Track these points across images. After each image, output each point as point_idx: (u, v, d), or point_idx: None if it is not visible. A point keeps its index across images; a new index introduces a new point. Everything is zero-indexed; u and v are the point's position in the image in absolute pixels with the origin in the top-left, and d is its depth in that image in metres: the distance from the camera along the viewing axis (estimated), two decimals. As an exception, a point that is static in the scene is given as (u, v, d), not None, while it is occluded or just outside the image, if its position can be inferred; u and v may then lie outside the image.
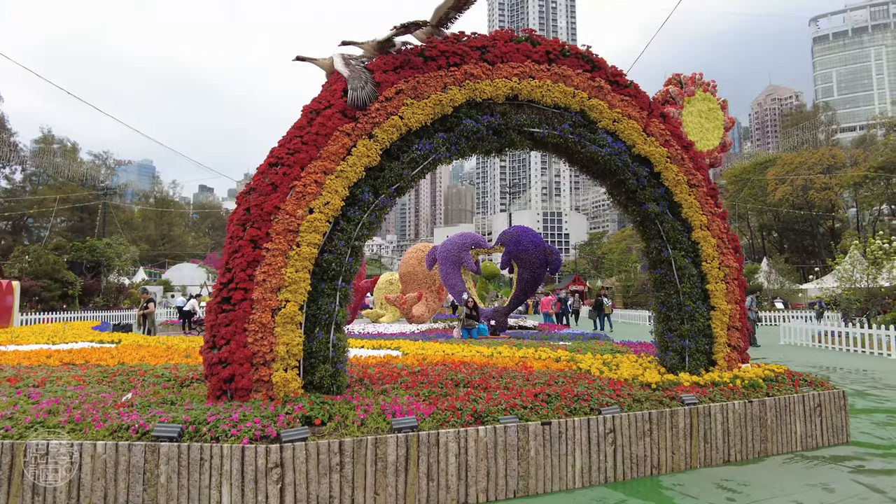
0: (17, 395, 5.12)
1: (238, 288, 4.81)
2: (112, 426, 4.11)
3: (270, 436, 4.04)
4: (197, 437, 4.03)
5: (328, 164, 5.15)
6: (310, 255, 5.00)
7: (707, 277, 6.86)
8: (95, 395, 5.05)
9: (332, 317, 5.13)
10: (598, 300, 25.54)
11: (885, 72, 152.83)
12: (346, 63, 5.44)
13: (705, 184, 7.02)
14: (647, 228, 6.90)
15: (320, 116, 5.24)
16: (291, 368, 4.89)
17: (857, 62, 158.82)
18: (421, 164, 5.57)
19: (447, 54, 5.71)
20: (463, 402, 4.86)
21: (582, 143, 6.28)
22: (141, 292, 17.65)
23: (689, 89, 7.33)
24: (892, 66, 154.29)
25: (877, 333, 14.64)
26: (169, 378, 5.96)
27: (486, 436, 4.52)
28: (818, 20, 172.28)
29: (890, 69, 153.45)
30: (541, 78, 6.08)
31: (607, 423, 5.03)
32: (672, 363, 6.77)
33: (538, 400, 5.08)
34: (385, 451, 4.20)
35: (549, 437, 4.77)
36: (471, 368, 6.60)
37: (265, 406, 4.50)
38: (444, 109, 5.61)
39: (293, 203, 5.01)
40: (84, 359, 7.40)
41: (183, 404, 4.72)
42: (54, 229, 45.77)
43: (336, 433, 4.26)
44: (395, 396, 5.03)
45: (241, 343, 4.72)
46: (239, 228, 4.97)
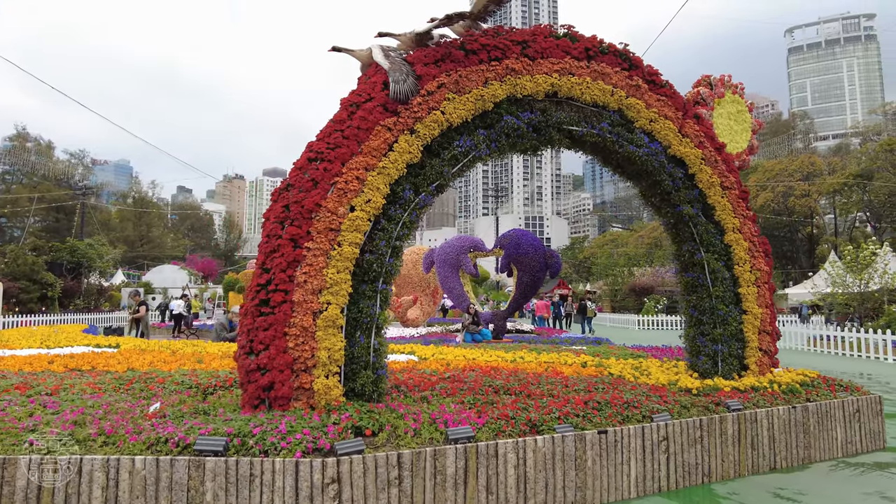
0: (32, 404, 4.74)
1: (278, 289, 4.52)
2: (149, 439, 3.79)
3: (324, 448, 3.77)
4: (243, 450, 3.74)
5: (369, 159, 4.90)
6: (351, 255, 4.74)
7: (739, 281, 6.78)
8: (120, 405, 4.69)
9: (374, 320, 4.87)
10: (583, 304, 25.77)
11: (856, 83, 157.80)
12: (386, 55, 5.20)
13: (737, 186, 6.94)
14: (681, 231, 6.79)
15: (361, 110, 4.99)
16: (333, 375, 4.61)
17: (830, 73, 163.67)
18: (461, 162, 5.35)
19: (488, 48, 5.52)
20: (515, 410, 4.64)
21: (620, 143, 6.14)
22: (132, 295, 17.03)
23: (719, 91, 7.26)
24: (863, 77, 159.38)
25: (873, 338, 14.86)
26: (190, 385, 5.61)
27: (544, 446, 4.32)
28: (793, 31, 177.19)
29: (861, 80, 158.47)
30: (580, 75, 5.93)
31: (660, 431, 4.87)
32: (704, 368, 6.66)
33: (589, 408, 4.89)
34: (444, 463, 3.96)
35: (606, 445, 4.58)
36: (504, 374, 6.39)
37: (309, 416, 4.22)
38: (485, 105, 5.41)
39: (334, 200, 4.75)
40: (90, 364, 6.97)
41: (217, 414, 4.41)
42: (28, 229, 44.22)
43: (390, 444, 4.00)
44: (441, 405, 4.78)
45: (281, 348, 4.43)
46: (277, 226, 4.69)
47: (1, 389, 5.33)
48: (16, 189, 45.40)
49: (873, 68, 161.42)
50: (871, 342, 14.88)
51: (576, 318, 26.06)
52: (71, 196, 44.76)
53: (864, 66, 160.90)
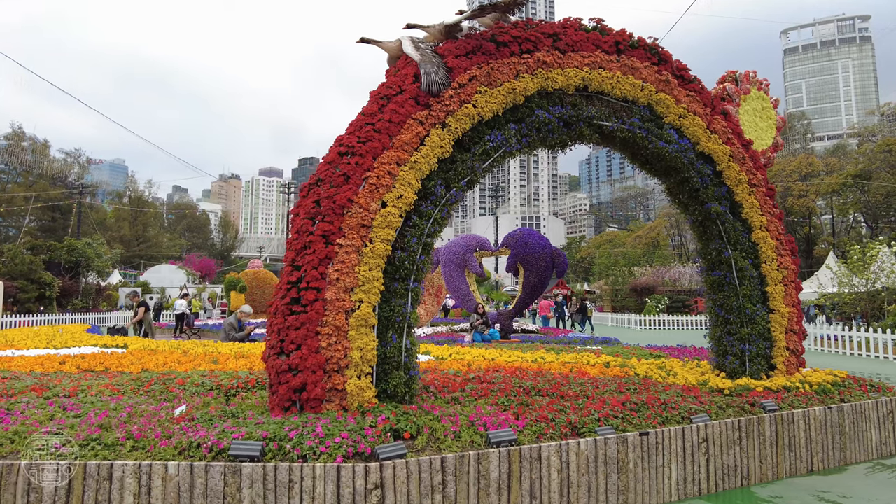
0: (50, 406, 4.56)
1: (310, 287, 4.36)
2: (180, 444, 3.63)
3: (364, 453, 3.62)
4: (280, 455, 3.58)
5: (401, 154, 4.75)
6: (383, 252, 4.59)
7: (766, 279, 6.67)
8: (142, 407, 4.52)
9: (406, 319, 4.72)
10: (583, 304, 25.99)
11: (851, 84, 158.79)
12: (416, 46, 5.05)
13: (764, 183, 6.84)
14: (708, 229, 6.68)
15: (392, 103, 4.84)
16: (365, 375, 4.46)
17: (826, 74, 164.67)
18: (492, 157, 5.21)
19: (520, 40, 5.38)
20: (553, 412, 4.51)
21: (650, 139, 6.01)
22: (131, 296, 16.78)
23: (745, 87, 7.15)
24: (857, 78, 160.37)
25: (882, 337, 14.82)
26: (211, 387, 5.44)
27: (586, 448, 4.18)
28: (788, 32, 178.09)
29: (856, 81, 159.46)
30: (611, 69, 5.80)
31: (700, 433, 4.74)
32: (732, 367, 6.54)
33: (627, 409, 4.76)
34: (487, 467, 3.82)
35: (647, 448, 4.45)
36: (531, 375, 6.25)
37: (343, 418, 4.06)
38: (516, 98, 5.27)
39: (366, 196, 4.60)
40: (102, 365, 6.78)
41: (246, 417, 4.25)
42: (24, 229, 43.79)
43: (431, 448, 3.86)
44: (477, 407, 4.64)
45: (313, 348, 4.28)
46: (308, 222, 4.53)
47: (17, 391, 5.15)
48: (11, 188, 44.92)
49: (868, 70, 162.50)
50: (881, 342, 14.83)
51: (575, 318, 26.08)
52: (67, 195, 44.35)
53: (858, 67, 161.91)
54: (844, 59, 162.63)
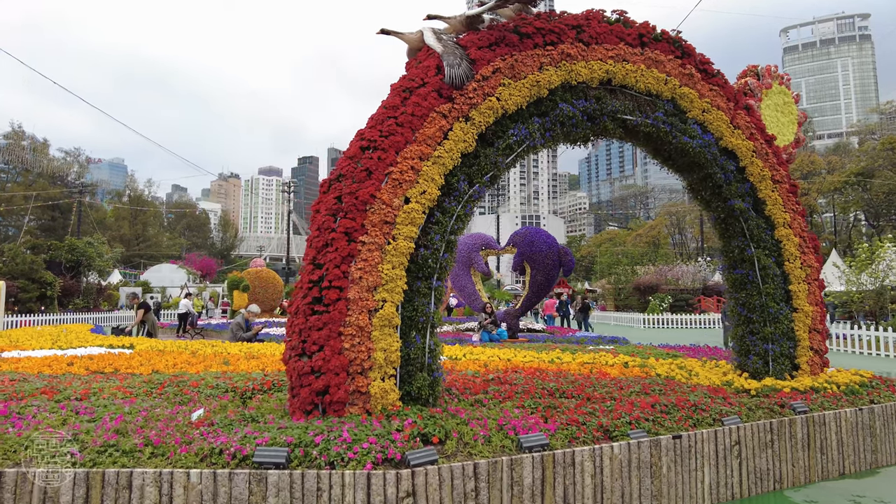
0: (62, 410, 4.41)
1: (332, 286, 4.21)
2: (201, 450, 3.48)
3: (394, 459, 3.47)
4: (307, 462, 3.44)
5: (424, 148, 4.60)
6: (406, 249, 4.44)
7: (789, 277, 6.54)
8: (157, 411, 4.37)
9: (429, 319, 4.58)
10: (585, 303, 26.07)
11: (851, 82, 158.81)
12: (438, 38, 4.90)
13: (787, 180, 6.70)
14: (730, 226, 6.54)
15: (414, 95, 4.68)
16: (389, 377, 4.31)
17: (825, 73, 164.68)
18: (515, 151, 5.07)
19: (543, 32, 5.23)
20: (584, 415, 4.37)
21: (673, 134, 5.87)
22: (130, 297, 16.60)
23: (767, 81, 7.01)
24: (857, 77, 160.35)
25: (893, 336, 14.70)
26: (226, 389, 5.29)
27: (620, 453, 4.04)
28: (788, 31, 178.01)
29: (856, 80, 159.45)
30: (635, 62, 5.65)
31: (732, 435, 4.61)
32: (755, 367, 6.41)
33: (657, 411, 4.62)
34: (521, 473, 3.68)
35: (680, 451, 4.31)
36: (551, 376, 6.11)
37: (369, 422, 3.92)
38: (540, 91, 5.12)
39: (389, 192, 4.45)
40: (111, 367, 6.63)
41: (266, 421, 4.10)
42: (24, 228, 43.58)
43: (462, 453, 3.71)
44: (505, 410, 4.49)
45: (336, 349, 4.13)
46: (329, 219, 4.38)
47: (27, 394, 5.00)
48: (11, 187, 44.68)
49: (867, 68, 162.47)
50: (892, 341, 14.71)
51: (576, 317, 26.03)
52: (67, 194, 44.13)
53: (858, 65, 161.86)
54: (844, 57, 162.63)
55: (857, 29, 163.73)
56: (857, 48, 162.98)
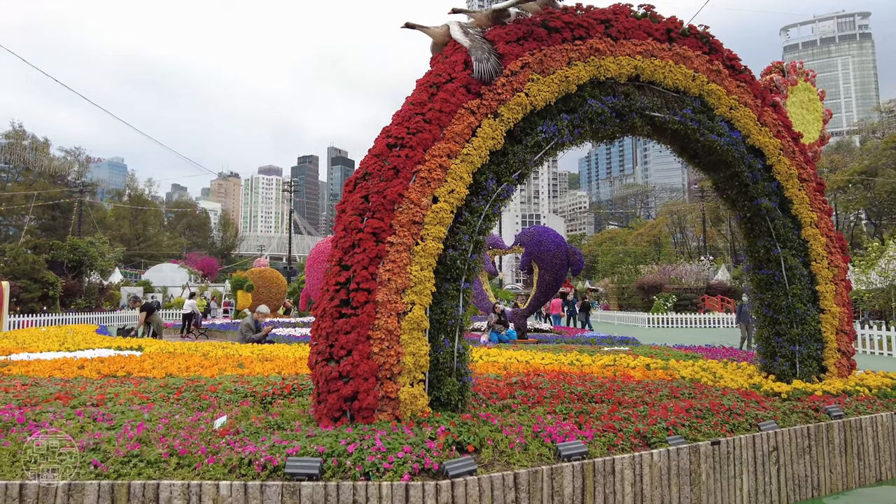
0: (79, 417, 4.27)
1: (360, 288, 4.07)
2: (230, 461, 3.34)
3: (431, 469, 3.33)
4: (340, 472, 3.29)
5: (452, 146, 4.46)
6: (435, 250, 4.30)
7: (816, 278, 6.40)
8: (177, 418, 4.23)
9: (458, 322, 4.44)
10: (586, 303, 26.19)
11: (851, 81, 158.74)
12: (465, 32, 4.76)
13: (814, 178, 6.56)
14: (756, 225, 6.40)
15: (442, 91, 4.54)
16: (418, 382, 4.17)
17: (826, 71, 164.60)
18: (544, 149, 4.93)
19: (571, 26, 5.09)
20: (620, 421, 4.23)
21: (701, 131, 5.73)
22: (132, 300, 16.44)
23: (792, 78, 6.87)
24: (857, 75, 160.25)
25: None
26: (245, 394, 5.15)
27: (659, 460, 3.90)
28: (788, 30, 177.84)
29: (856, 79, 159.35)
30: (663, 58, 5.51)
31: (770, 441, 4.47)
32: (782, 370, 6.27)
33: (692, 416, 4.48)
34: (561, 482, 3.54)
35: (719, 458, 4.18)
36: (576, 379, 5.97)
37: (399, 429, 3.77)
38: (569, 87, 4.98)
39: (417, 191, 4.30)
40: (123, 370, 6.48)
41: (293, 428, 3.96)
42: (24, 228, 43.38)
43: (499, 463, 3.57)
44: (538, 416, 4.35)
45: (364, 354, 3.98)
46: (356, 219, 4.23)
47: (41, 399, 4.85)
48: (11, 187, 44.47)
49: (868, 66, 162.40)
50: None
51: (579, 317, 26.00)
52: (68, 194, 43.93)
53: (858, 64, 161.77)
54: (844, 56, 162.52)
55: (858, 27, 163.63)
56: (858, 47, 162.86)
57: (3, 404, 4.61)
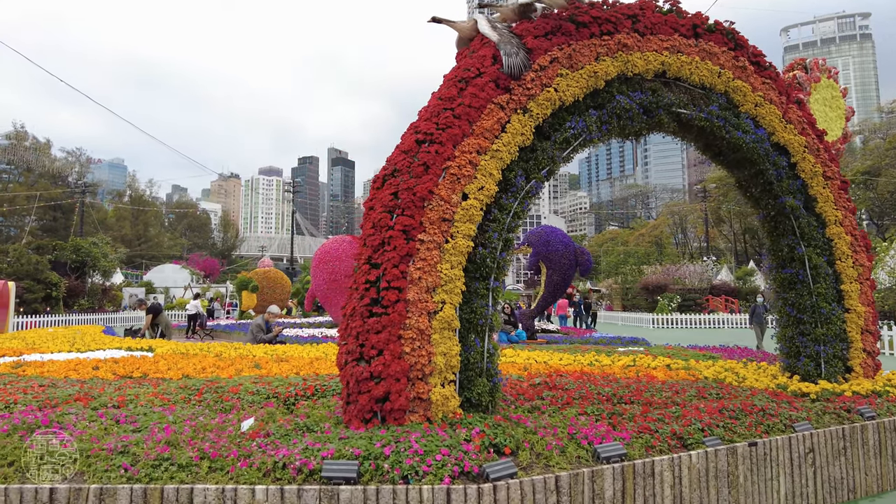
0: (102, 419, 4.18)
1: (391, 287, 3.98)
2: (264, 464, 3.25)
3: (472, 472, 3.25)
4: (378, 476, 3.21)
5: (482, 141, 4.38)
6: (465, 248, 4.22)
7: (841, 277, 6.32)
8: (204, 420, 4.14)
9: (488, 321, 4.35)
10: (588, 303, 26.41)
11: (851, 81, 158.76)
12: (493, 26, 4.68)
13: (838, 176, 6.48)
14: (780, 224, 6.32)
15: (471, 86, 4.46)
16: (449, 383, 4.09)
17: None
18: (572, 145, 4.85)
19: (599, 21, 5.01)
20: (654, 422, 4.15)
21: (727, 128, 5.65)
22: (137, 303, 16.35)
23: (815, 75, 6.80)
24: (858, 76, 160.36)
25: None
26: (267, 395, 5.06)
27: (698, 462, 3.82)
28: (789, 30, 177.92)
29: (856, 79, 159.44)
30: (689, 54, 5.44)
31: (805, 442, 4.39)
32: (807, 370, 6.19)
33: (726, 417, 4.40)
34: (602, 485, 3.45)
35: (756, 459, 4.09)
36: (601, 380, 5.89)
37: (433, 431, 3.69)
38: (597, 83, 4.90)
39: (447, 187, 4.22)
40: (139, 371, 6.39)
41: (323, 430, 3.87)
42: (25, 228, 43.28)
43: (538, 465, 3.49)
44: (571, 417, 4.27)
45: (395, 354, 3.90)
46: (386, 216, 4.15)
47: (60, 401, 4.76)
48: (13, 187, 44.36)
49: (868, 67, 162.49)
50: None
51: (585, 318, 26.01)
52: (69, 194, 43.83)
53: (859, 64, 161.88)
54: (845, 56, 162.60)
55: (858, 28, 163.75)
56: (858, 47, 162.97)
57: (24, 406, 4.52)
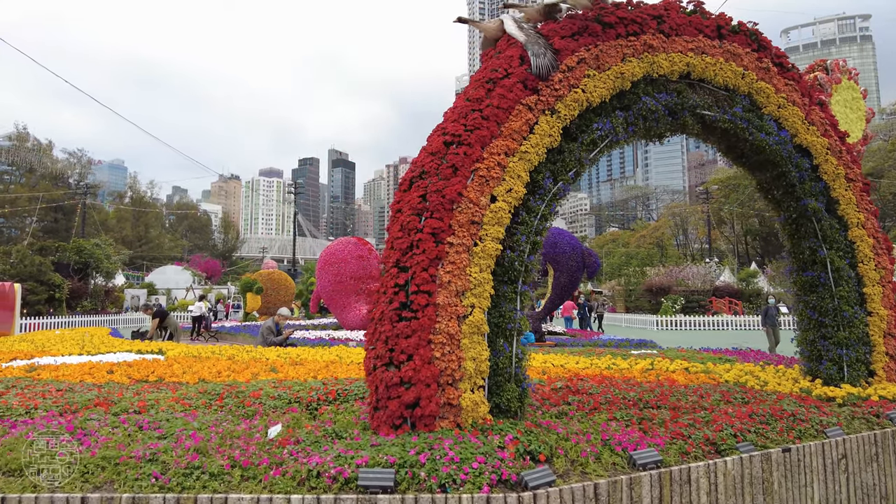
0: (124, 424, 4.12)
1: (420, 291, 3.92)
2: (298, 472, 3.18)
3: (509, 480, 3.19)
4: (415, 484, 3.15)
5: (510, 143, 4.32)
6: (494, 251, 4.16)
7: (863, 280, 6.27)
8: (228, 426, 4.08)
9: (516, 326, 4.30)
10: (591, 305, 26.61)
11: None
12: (519, 27, 4.63)
13: (860, 178, 6.43)
14: (801, 227, 6.27)
15: (499, 87, 4.40)
16: (478, 389, 4.03)
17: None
18: (598, 147, 4.79)
19: (625, 21, 4.96)
20: (686, 427, 4.09)
21: (750, 130, 5.60)
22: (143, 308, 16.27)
23: (836, 76, 6.76)
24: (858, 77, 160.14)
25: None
26: (289, 400, 5.00)
27: (733, 468, 3.76)
28: (789, 32, 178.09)
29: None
30: (713, 55, 5.39)
31: (838, 448, 4.33)
32: (829, 374, 6.12)
33: (756, 422, 4.34)
34: (640, 493, 3.39)
35: (789, 465, 4.03)
36: (622, 384, 5.82)
37: (465, 438, 3.62)
38: (623, 84, 4.85)
39: (476, 189, 4.16)
40: (154, 375, 6.31)
41: (352, 437, 3.81)
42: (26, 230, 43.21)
43: (574, 472, 3.43)
44: (602, 423, 4.21)
45: (425, 359, 3.84)
46: (415, 219, 4.09)
47: (80, 406, 4.70)
48: (14, 189, 44.29)
49: (868, 69, 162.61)
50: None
51: (593, 320, 26.06)
52: (71, 195, 43.75)
53: (859, 66, 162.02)
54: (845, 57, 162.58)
55: (858, 29, 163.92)
56: (858, 49, 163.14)
57: (45, 411, 4.46)
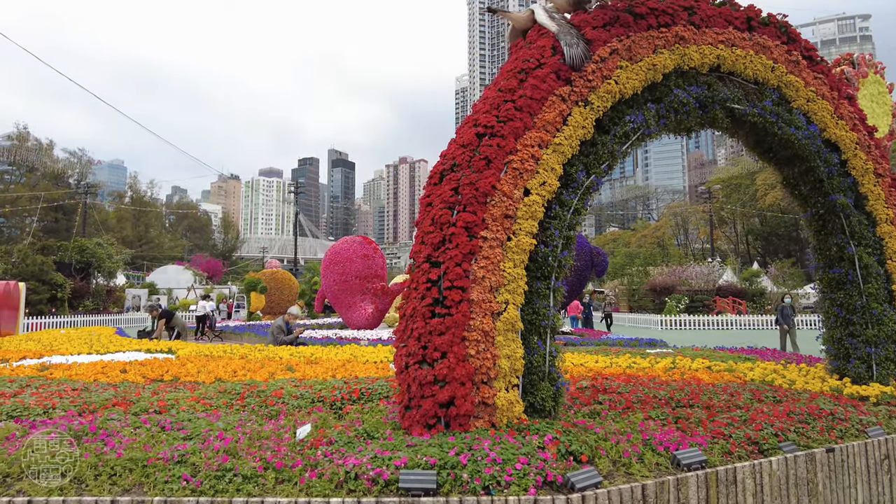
0: (145, 424, 3.99)
1: (454, 287, 3.80)
2: (335, 475, 3.06)
3: (555, 481, 3.07)
4: (458, 486, 3.02)
5: (544, 135, 4.20)
6: (528, 246, 4.04)
7: (892, 277, 6.16)
8: (254, 426, 3.95)
9: (550, 323, 4.18)
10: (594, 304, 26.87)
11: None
12: (551, 16, 4.51)
13: (889, 174, 6.32)
14: (829, 223, 6.16)
15: (531, 77, 4.29)
16: (513, 387, 3.92)
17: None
18: (631, 139, 4.68)
19: (657, 12, 4.84)
20: (727, 427, 3.97)
21: (779, 125, 5.49)
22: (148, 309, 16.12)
23: (863, 70, 6.65)
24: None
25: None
26: (312, 399, 4.88)
27: (778, 469, 3.65)
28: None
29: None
30: (743, 48, 5.28)
31: (881, 448, 4.22)
32: (857, 372, 6.02)
33: (795, 421, 4.22)
34: (686, 494, 3.28)
35: (833, 466, 3.92)
36: (649, 382, 5.71)
37: (502, 438, 3.51)
38: (655, 76, 4.74)
39: (509, 182, 4.05)
40: (169, 374, 6.19)
41: (385, 437, 3.69)
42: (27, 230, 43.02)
43: (619, 473, 3.31)
44: (639, 422, 4.09)
45: (460, 356, 3.72)
46: (447, 212, 3.97)
47: (99, 406, 4.57)
48: (15, 188, 44.10)
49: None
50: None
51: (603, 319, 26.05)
52: (72, 195, 43.58)
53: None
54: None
55: (858, 30, 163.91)
56: (859, 49, 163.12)
57: (64, 411, 4.34)
